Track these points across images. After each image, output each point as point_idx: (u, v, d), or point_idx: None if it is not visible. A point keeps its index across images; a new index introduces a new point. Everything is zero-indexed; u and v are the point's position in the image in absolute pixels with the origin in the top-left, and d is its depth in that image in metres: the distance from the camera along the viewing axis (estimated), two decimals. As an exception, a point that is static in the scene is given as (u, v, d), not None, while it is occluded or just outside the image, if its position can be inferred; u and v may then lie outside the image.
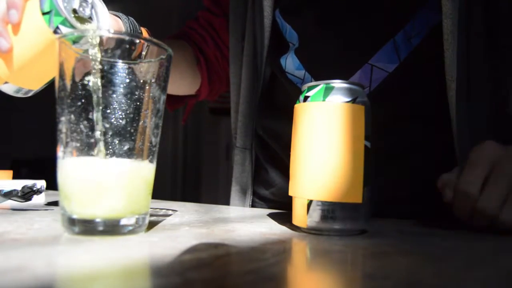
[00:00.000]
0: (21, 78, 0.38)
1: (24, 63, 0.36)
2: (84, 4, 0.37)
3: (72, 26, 0.36)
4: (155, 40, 0.31)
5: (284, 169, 0.58)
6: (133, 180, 0.30)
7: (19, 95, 0.39)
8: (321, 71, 0.53)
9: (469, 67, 0.47)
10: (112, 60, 0.30)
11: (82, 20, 0.37)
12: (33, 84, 0.39)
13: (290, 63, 0.55)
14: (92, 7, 0.39)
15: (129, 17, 0.47)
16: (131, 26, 0.46)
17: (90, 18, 0.38)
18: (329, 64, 0.53)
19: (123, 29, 0.45)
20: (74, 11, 0.36)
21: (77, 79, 0.29)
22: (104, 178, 0.29)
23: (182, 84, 0.66)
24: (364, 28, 0.51)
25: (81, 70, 0.30)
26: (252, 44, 0.57)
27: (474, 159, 0.38)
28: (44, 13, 0.35)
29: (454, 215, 0.38)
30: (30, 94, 0.40)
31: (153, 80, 0.31)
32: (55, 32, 0.35)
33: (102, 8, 0.39)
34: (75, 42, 0.31)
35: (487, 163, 0.37)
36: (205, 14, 0.69)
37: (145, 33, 0.48)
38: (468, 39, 0.46)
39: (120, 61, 0.31)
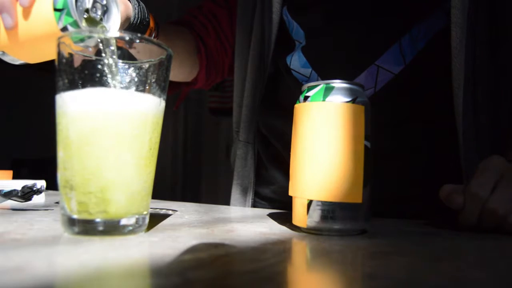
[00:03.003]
0: (19, 53, 0.38)
1: (24, 43, 0.36)
2: (97, 4, 0.37)
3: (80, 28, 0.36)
4: (155, 40, 0.31)
5: (285, 168, 0.59)
6: (134, 180, 0.30)
7: (13, 62, 0.40)
8: (328, 70, 0.53)
9: (475, 75, 0.47)
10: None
11: (92, 21, 0.37)
12: (30, 59, 0.39)
13: (296, 60, 0.55)
14: (106, 8, 0.38)
15: (140, 2, 0.47)
16: (140, 13, 0.46)
17: (101, 19, 0.38)
18: (336, 63, 0.53)
19: (132, 15, 0.45)
20: (86, 11, 0.36)
21: (77, 78, 0.29)
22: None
23: (180, 72, 0.66)
24: (371, 29, 0.51)
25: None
26: (260, 39, 0.57)
27: (484, 168, 0.39)
28: (56, 9, 0.35)
29: (461, 221, 0.39)
30: (21, 63, 0.40)
31: (153, 80, 0.31)
32: (62, 29, 0.35)
33: (115, 9, 0.39)
34: (78, 40, 0.31)
35: (496, 171, 0.38)
36: (209, 4, 0.69)
37: (152, 21, 0.48)
38: (475, 47, 0.47)
39: (120, 61, 0.31)
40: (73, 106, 0.29)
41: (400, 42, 0.50)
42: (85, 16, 0.36)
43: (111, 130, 0.29)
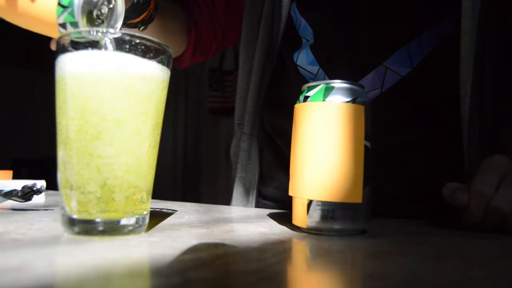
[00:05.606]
0: (9, 18, 0.37)
1: (19, 15, 0.36)
2: (104, 7, 0.37)
3: (78, 32, 0.35)
4: (155, 40, 0.31)
5: (288, 165, 0.59)
6: (134, 179, 0.30)
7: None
8: (336, 68, 0.53)
9: (483, 84, 0.47)
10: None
11: (94, 22, 0.37)
12: (17, 23, 0.38)
13: (303, 57, 0.55)
14: (112, 11, 0.38)
15: None
16: None
17: (103, 22, 0.38)
18: (345, 62, 0.53)
19: None
20: (90, 12, 0.36)
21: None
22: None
23: None
24: (381, 30, 0.51)
25: None
26: (268, 32, 0.57)
27: (487, 167, 0.39)
28: (60, 4, 0.34)
29: (465, 219, 0.39)
30: None
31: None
32: (60, 24, 0.35)
33: (120, 13, 0.38)
34: (78, 37, 0.31)
35: (499, 170, 0.38)
36: None
37: (152, 2, 0.48)
38: (484, 57, 0.47)
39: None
40: (72, 67, 0.29)
41: (409, 45, 0.50)
42: (87, 16, 0.36)
43: (111, 89, 0.29)
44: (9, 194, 0.46)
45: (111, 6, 0.38)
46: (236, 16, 0.67)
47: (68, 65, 0.29)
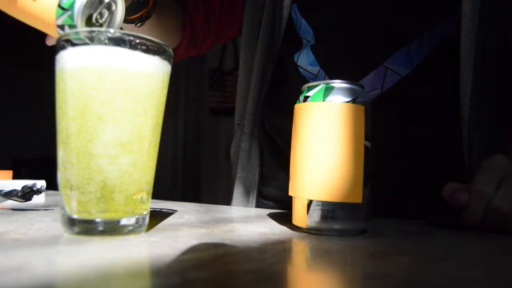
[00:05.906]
0: (7, 9, 0.37)
1: (17, 10, 0.36)
2: (104, 11, 0.37)
3: (77, 33, 0.35)
4: (155, 40, 0.31)
5: (288, 165, 0.60)
6: (134, 180, 0.30)
7: None
8: (337, 69, 0.53)
9: (483, 84, 0.47)
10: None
11: (92, 24, 0.37)
12: (11, 14, 0.38)
13: (304, 57, 0.55)
14: (111, 15, 0.38)
15: None
16: None
17: (101, 25, 0.38)
18: (345, 63, 0.53)
19: None
20: (90, 16, 0.36)
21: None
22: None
23: None
24: (381, 30, 0.51)
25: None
26: (269, 32, 0.57)
27: (487, 167, 0.39)
28: (60, 6, 0.34)
29: (465, 219, 0.39)
30: None
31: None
32: (58, 25, 0.35)
33: (119, 17, 0.38)
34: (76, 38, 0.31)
35: (500, 170, 0.38)
36: None
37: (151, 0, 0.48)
38: (484, 57, 0.47)
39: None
40: (72, 65, 0.29)
41: (410, 45, 0.50)
42: (86, 20, 0.36)
43: (111, 87, 0.29)
44: (9, 194, 0.46)
45: (112, 9, 0.38)
46: (231, 18, 0.67)
47: (68, 63, 0.29)
